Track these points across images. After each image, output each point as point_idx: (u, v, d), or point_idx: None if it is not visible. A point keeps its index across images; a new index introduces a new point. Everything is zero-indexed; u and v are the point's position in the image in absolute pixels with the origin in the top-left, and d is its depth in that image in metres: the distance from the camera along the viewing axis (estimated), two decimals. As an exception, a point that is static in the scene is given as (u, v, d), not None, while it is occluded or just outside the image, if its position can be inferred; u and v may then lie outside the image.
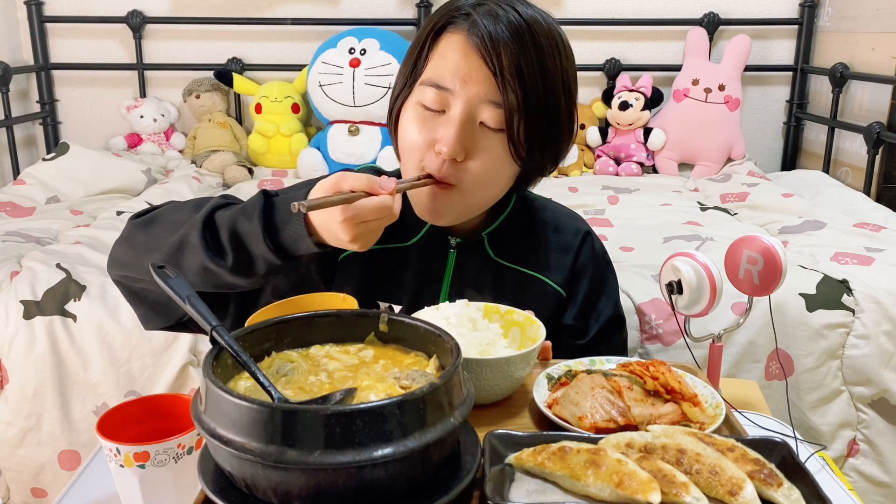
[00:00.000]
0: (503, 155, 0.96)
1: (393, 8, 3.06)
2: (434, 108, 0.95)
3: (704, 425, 0.76)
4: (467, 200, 0.99)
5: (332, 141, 2.81)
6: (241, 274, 0.89)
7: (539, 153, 0.98)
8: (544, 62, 0.94)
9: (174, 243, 0.91)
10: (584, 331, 1.12)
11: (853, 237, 1.99)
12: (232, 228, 0.87)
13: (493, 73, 0.92)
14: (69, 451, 1.72)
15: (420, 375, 0.68)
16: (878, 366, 1.66)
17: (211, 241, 0.88)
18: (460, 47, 0.93)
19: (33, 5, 2.97)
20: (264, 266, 0.87)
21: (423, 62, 0.97)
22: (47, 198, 2.48)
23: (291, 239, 0.86)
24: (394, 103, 1.02)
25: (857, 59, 2.72)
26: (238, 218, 0.88)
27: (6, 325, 1.67)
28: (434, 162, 0.94)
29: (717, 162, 2.92)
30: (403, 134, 0.99)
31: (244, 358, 0.65)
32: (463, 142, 0.93)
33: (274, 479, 0.57)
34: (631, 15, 3.04)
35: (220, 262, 0.88)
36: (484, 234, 1.09)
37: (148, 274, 0.91)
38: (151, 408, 0.93)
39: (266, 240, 0.85)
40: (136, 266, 0.96)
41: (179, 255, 0.90)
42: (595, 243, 1.15)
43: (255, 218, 0.86)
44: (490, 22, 0.92)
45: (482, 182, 0.97)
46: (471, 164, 0.95)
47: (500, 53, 0.91)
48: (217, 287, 0.92)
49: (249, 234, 0.86)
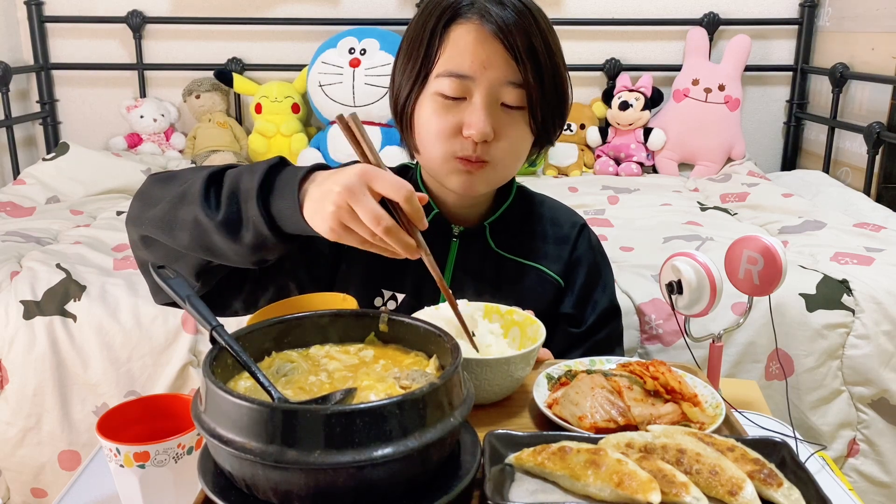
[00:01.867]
0: (524, 130, 1.03)
1: (393, 8, 3.07)
2: (455, 97, 0.99)
3: (704, 425, 0.76)
4: (499, 174, 1.05)
5: (332, 141, 2.81)
6: (227, 234, 0.84)
7: (552, 122, 1.05)
8: (547, 39, 1.01)
9: (178, 193, 0.88)
10: (580, 319, 1.14)
11: (853, 237, 1.99)
12: (234, 183, 0.85)
13: (511, 56, 0.97)
14: (69, 451, 1.72)
15: (420, 375, 0.68)
16: (878, 366, 1.66)
17: (212, 193, 0.86)
18: (474, 35, 0.98)
19: (33, 5, 2.96)
20: (253, 233, 0.83)
21: (435, 56, 1.00)
22: (47, 198, 2.48)
23: (282, 207, 0.81)
24: (405, 100, 1.04)
25: (857, 59, 2.72)
26: (244, 173, 0.86)
27: (6, 325, 1.67)
28: (465, 146, 1.00)
29: (717, 162, 2.92)
30: (424, 126, 1.02)
31: (244, 358, 0.65)
32: (491, 124, 0.99)
33: (274, 479, 0.57)
34: (631, 15, 3.04)
35: (211, 215, 0.84)
36: (486, 224, 1.12)
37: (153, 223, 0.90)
38: (151, 408, 0.93)
39: (258, 200, 0.82)
40: (141, 218, 0.92)
41: (178, 206, 0.87)
42: (591, 235, 1.18)
43: (257, 176, 0.83)
44: (499, 8, 0.98)
45: (511, 157, 1.03)
46: (499, 143, 1.01)
47: (514, 36, 0.97)
48: (203, 248, 0.87)
49: (247, 192, 0.83)
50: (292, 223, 0.82)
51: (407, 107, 1.04)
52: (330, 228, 0.77)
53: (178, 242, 0.89)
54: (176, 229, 0.88)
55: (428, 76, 1.01)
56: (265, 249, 0.85)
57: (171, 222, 0.88)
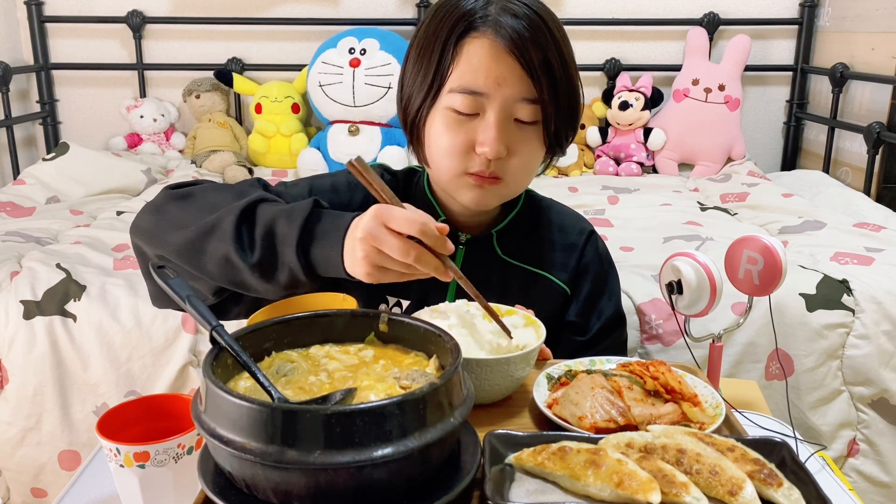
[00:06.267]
0: (538, 144, 1.01)
1: (393, 8, 3.07)
2: (467, 113, 0.97)
3: (704, 425, 0.76)
4: (511, 189, 1.04)
5: (332, 141, 2.81)
6: (261, 276, 0.86)
7: (564, 134, 1.03)
8: (562, 51, 0.98)
9: (206, 224, 0.88)
10: (585, 328, 1.13)
11: (853, 237, 1.99)
12: (269, 226, 0.85)
13: (526, 72, 0.95)
14: (69, 451, 1.72)
15: (420, 375, 0.68)
16: (878, 366, 1.66)
17: (244, 232, 0.86)
18: (488, 51, 0.95)
19: (33, 5, 2.97)
20: (287, 276, 0.85)
21: (448, 70, 0.97)
22: (47, 198, 2.48)
23: (322, 256, 0.83)
24: (416, 113, 1.02)
25: (857, 59, 2.72)
26: (279, 217, 0.85)
27: (6, 325, 1.67)
28: (478, 163, 0.98)
29: (717, 162, 2.92)
30: (436, 141, 1.00)
31: (244, 358, 0.65)
32: (504, 141, 0.97)
33: (274, 479, 0.57)
34: (631, 15, 3.04)
35: (244, 257, 0.85)
36: (493, 232, 1.11)
37: (175, 250, 0.89)
38: (151, 408, 0.93)
39: (298, 248, 0.83)
40: (160, 239, 0.92)
41: (207, 239, 0.87)
42: (598, 243, 1.17)
43: (297, 223, 0.83)
44: (513, 20, 0.94)
45: (523, 172, 1.02)
46: (512, 159, 0.99)
47: (529, 51, 0.94)
48: (232, 283, 0.89)
49: (284, 237, 0.84)
50: (332, 270, 0.83)
51: (418, 120, 1.02)
52: (367, 273, 0.79)
53: (204, 272, 0.89)
54: (203, 261, 0.88)
55: (440, 90, 0.98)
56: (297, 287, 0.87)
57: (198, 253, 0.88)
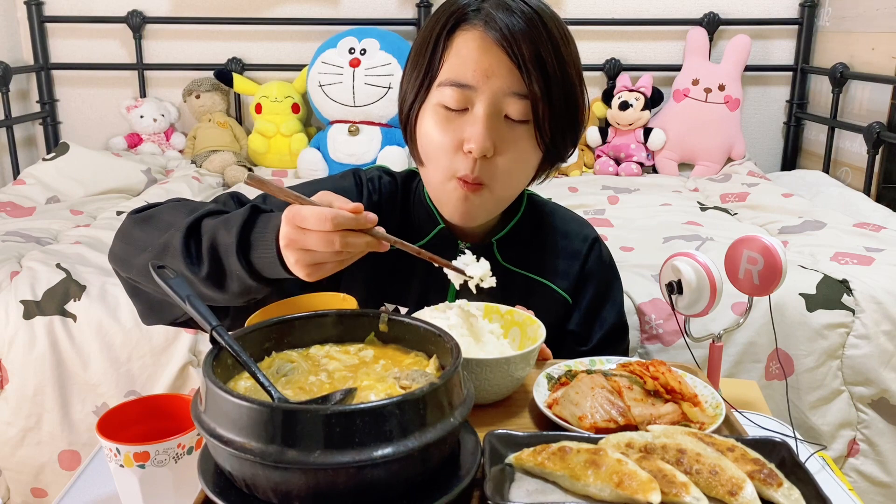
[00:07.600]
0: (530, 146, 0.97)
1: (393, 8, 3.06)
2: (456, 108, 0.95)
3: (704, 425, 0.76)
4: (498, 196, 0.99)
5: (332, 141, 2.81)
6: (215, 287, 0.86)
7: (562, 139, 0.99)
8: (559, 49, 0.95)
9: (160, 244, 0.88)
10: (587, 337, 1.12)
11: (853, 237, 1.99)
12: (212, 238, 0.85)
13: (515, 65, 0.92)
14: (69, 451, 1.72)
15: (420, 375, 0.68)
16: (878, 366, 1.66)
17: (193, 247, 0.86)
18: (478, 43, 0.93)
19: (33, 5, 2.97)
20: (238, 284, 0.84)
21: (438, 64, 0.96)
22: (47, 198, 2.48)
23: (263, 260, 0.82)
24: (408, 111, 1.01)
25: (857, 59, 2.72)
26: (219, 228, 0.85)
27: (6, 325, 1.67)
28: (464, 164, 0.95)
29: (717, 162, 2.92)
30: (426, 139, 0.98)
31: (244, 358, 0.65)
32: (491, 138, 0.93)
33: (274, 479, 0.57)
34: (631, 15, 3.04)
35: (195, 271, 0.85)
36: (493, 240, 1.08)
37: (140, 272, 0.90)
38: (151, 408, 0.93)
39: (239, 255, 0.82)
40: (128, 262, 0.93)
41: (163, 258, 0.87)
42: (602, 250, 1.14)
43: (234, 231, 0.83)
44: (505, 14, 0.92)
45: (512, 175, 0.98)
46: (500, 159, 0.95)
47: (520, 44, 0.92)
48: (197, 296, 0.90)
49: (226, 248, 0.83)
50: (275, 272, 0.82)
51: (411, 116, 1.01)
52: (306, 275, 0.78)
53: None
54: None
55: (431, 85, 0.97)
56: (252, 293, 0.87)
57: None
